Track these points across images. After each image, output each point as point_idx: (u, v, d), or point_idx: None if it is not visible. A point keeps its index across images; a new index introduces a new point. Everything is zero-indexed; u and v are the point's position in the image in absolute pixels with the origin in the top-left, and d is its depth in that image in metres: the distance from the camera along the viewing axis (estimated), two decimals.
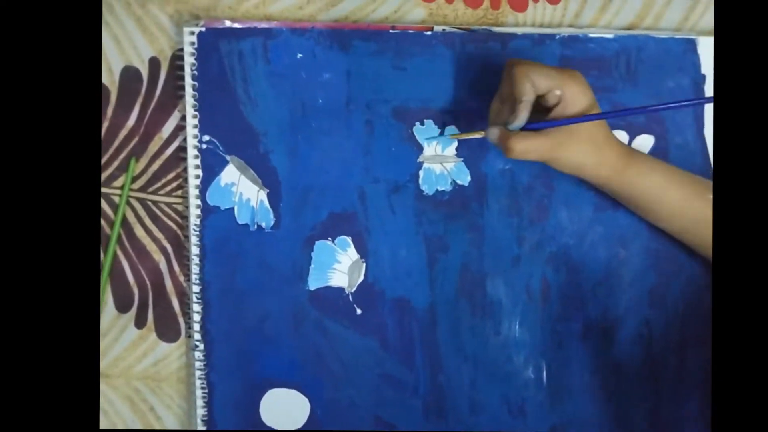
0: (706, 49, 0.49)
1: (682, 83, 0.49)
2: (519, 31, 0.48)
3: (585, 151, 0.43)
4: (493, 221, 0.49)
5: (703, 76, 0.49)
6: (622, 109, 0.48)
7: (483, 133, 0.45)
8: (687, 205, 0.45)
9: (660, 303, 0.50)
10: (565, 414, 0.51)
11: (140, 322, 0.50)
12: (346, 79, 0.48)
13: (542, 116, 0.43)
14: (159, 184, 0.49)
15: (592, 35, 0.49)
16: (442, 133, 0.49)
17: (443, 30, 0.48)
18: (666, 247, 0.50)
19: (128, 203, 0.50)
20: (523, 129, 0.42)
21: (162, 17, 0.49)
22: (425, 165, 0.49)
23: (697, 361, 0.51)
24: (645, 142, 0.50)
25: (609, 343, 0.51)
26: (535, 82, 0.41)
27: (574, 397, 0.51)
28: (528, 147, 0.42)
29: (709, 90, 0.49)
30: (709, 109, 0.50)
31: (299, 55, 0.47)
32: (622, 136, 0.50)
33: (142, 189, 0.50)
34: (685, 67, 0.49)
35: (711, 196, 0.44)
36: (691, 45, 0.49)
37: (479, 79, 0.48)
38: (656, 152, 0.50)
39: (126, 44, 0.49)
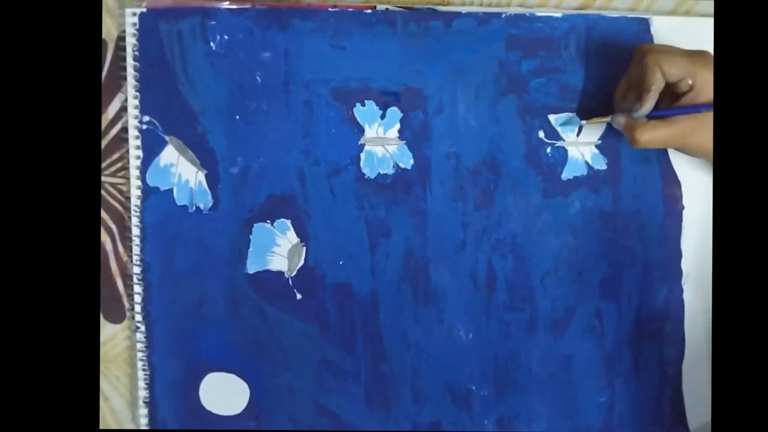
0: (659, 29, 0.47)
1: None
2: (463, 9, 0.47)
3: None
4: (436, 206, 0.48)
5: None
6: None
7: (609, 118, 0.45)
8: None
9: (612, 294, 0.48)
10: (512, 406, 0.49)
11: None
12: (285, 58, 0.47)
13: (668, 102, 0.42)
14: (104, 165, 0.49)
15: (539, 14, 0.47)
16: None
17: (385, 9, 0.47)
18: (619, 236, 0.48)
19: None
20: (649, 116, 0.42)
21: (111, 1, 0.48)
22: (367, 147, 0.48)
23: (652, 356, 0.49)
24: (597, 125, 0.48)
25: (559, 334, 0.49)
26: (666, 72, 0.40)
27: (521, 390, 0.49)
28: (654, 137, 0.41)
29: None
30: None
31: (237, 35, 0.47)
32: (572, 118, 0.48)
33: None
34: None
35: None
36: (644, 25, 0.47)
37: (421, 59, 0.47)
38: (609, 136, 0.48)
39: None
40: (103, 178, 0.50)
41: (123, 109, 0.49)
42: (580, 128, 0.47)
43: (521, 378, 0.49)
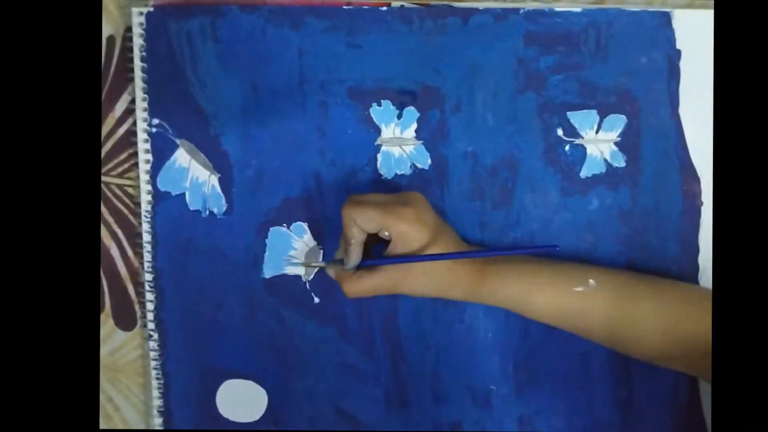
0: (681, 23, 0.46)
1: (656, 59, 0.47)
2: (480, 5, 0.46)
3: (425, 283, 0.43)
4: (454, 206, 0.47)
5: (678, 52, 0.47)
6: (454, 252, 0.43)
7: (324, 264, 0.45)
8: (554, 305, 0.43)
9: None
10: (532, 404, 0.49)
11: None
12: (299, 58, 0.46)
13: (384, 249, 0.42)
14: (111, 165, 0.48)
15: (558, 9, 0.46)
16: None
17: (401, 6, 0.46)
18: (637, 233, 0.48)
19: None
20: (360, 266, 0.42)
21: None
22: (383, 148, 0.47)
23: None
24: (616, 122, 0.47)
25: None
26: (360, 225, 0.41)
27: (541, 387, 0.49)
28: (363, 288, 0.42)
29: (684, 66, 0.47)
30: (684, 89, 0.47)
31: (249, 34, 0.45)
32: (592, 115, 0.47)
33: None
34: (659, 42, 0.46)
35: (580, 288, 0.43)
36: (665, 18, 0.46)
37: (438, 57, 0.46)
38: (628, 132, 0.47)
39: None
40: (109, 179, 0.48)
41: (129, 111, 0.47)
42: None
43: (540, 376, 0.49)
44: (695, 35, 0.46)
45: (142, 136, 0.46)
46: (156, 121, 0.46)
